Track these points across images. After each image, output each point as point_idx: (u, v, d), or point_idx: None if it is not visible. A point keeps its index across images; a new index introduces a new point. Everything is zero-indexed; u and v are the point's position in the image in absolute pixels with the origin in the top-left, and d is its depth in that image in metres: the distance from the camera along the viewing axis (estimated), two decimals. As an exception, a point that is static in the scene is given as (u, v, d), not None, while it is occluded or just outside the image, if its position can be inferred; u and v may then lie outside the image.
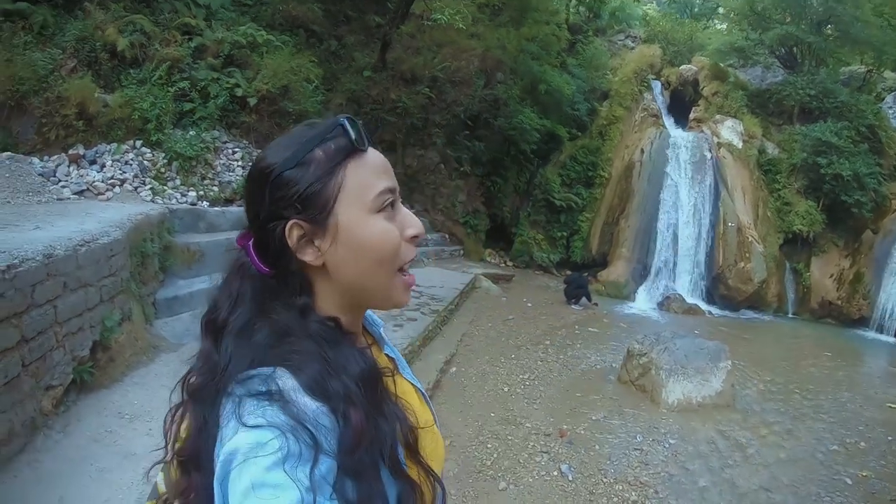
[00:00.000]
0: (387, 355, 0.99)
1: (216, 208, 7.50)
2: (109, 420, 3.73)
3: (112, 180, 6.87)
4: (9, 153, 6.53)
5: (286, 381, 0.72)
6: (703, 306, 14.68)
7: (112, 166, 7.05)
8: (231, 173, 8.23)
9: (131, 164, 7.20)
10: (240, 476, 0.64)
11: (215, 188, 7.82)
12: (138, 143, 7.48)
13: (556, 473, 5.18)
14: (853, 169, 14.80)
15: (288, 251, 0.81)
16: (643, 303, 14.57)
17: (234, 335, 0.78)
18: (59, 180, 6.60)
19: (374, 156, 0.84)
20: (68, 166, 6.82)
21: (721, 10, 23.34)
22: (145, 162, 7.33)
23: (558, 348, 9.18)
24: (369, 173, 0.82)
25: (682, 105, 18.37)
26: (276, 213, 0.81)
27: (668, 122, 17.94)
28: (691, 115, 17.75)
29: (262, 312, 0.80)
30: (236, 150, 8.61)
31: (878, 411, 8.23)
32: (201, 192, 7.56)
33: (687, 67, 18.73)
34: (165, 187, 7.27)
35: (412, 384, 1.00)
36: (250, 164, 8.42)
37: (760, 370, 9.46)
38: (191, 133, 7.89)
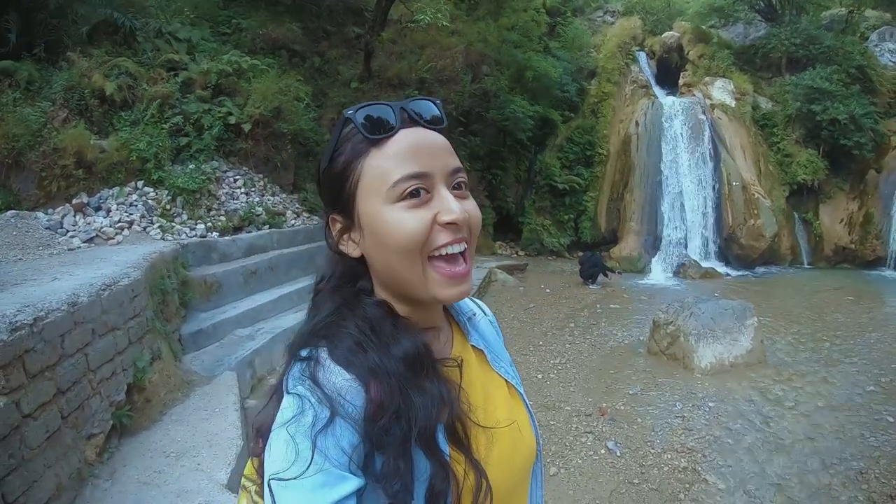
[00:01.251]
0: (473, 346, 0.97)
1: (226, 238, 7.49)
2: (156, 461, 3.69)
3: (120, 224, 6.87)
4: (13, 211, 6.53)
5: (324, 352, 0.78)
6: (720, 268, 14.66)
7: (118, 210, 7.05)
8: (235, 201, 8.22)
9: (136, 206, 7.19)
10: (269, 437, 0.72)
11: (222, 218, 7.82)
12: (140, 183, 7.48)
13: (603, 452, 5.19)
14: (848, 111, 14.70)
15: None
16: (659, 273, 14.54)
17: (312, 306, 0.90)
18: (67, 231, 6.60)
19: (403, 140, 0.82)
20: (74, 216, 6.82)
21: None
22: (150, 201, 7.34)
23: (584, 329, 9.17)
24: (389, 163, 0.80)
25: (669, 72, 18.33)
26: (325, 207, 0.89)
27: (659, 91, 17.90)
28: (680, 81, 17.64)
29: (336, 290, 0.88)
30: (237, 177, 8.60)
31: (910, 346, 8.17)
32: (209, 224, 7.56)
33: (669, 34, 18.71)
34: (174, 223, 7.27)
35: (505, 379, 0.97)
36: (253, 190, 8.42)
37: (786, 323, 9.49)
38: (190, 167, 7.87)
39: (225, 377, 5.09)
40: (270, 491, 0.66)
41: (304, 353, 0.79)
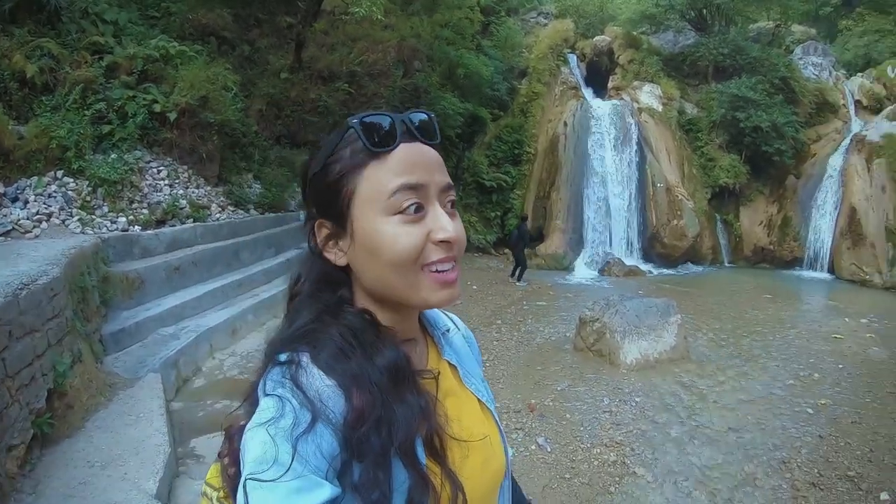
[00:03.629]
0: (447, 362, 0.97)
1: (149, 231, 7.02)
2: (80, 471, 3.38)
3: (38, 216, 6.28)
4: (-79, 200, 5.88)
5: (305, 356, 0.76)
6: (643, 266, 15.09)
7: (36, 201, 6.45)
8: (158, 193, 7.73)
9: (55, 197, 6.61)
10: (246, 436, 0.70)
11: (145, 211, 7.32)
12: (59, 173, 6.87)
13: (534, 448, 5.11)
14: (771, 120, 15.39)
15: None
16: (584, 271, 14.79)
17: (292, 309, 0.88)
18: (-19, 224, 6.02)
19: (401, 154, 0.81)
20: (-10, 207, 6.24)
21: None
22: (69, 192, 6.77)
23: (511, 326, 9.09)
24: (388, 174, 0.80)
25: (599, 75, 18.63)
26: (311, 212, 0.88)
27: (588, 93, 18.18)
28: (609, 84, 18.03)
29: (314, 295, 0.87)
30: (161, 168, 8.07)
31: (825, 343, 8.53)
32: (131, 217, 7.06)
33: (601, 38, 19.01)
34: (94, 216, 6.75)
35: (476, 396, 0.98)
36: (177, 181, 7.97)
37: (708, 320, 9.73)
38: (112, 156, 7.31)
39: (149, 379, 4.80)
40: (245, 491, 0.65)
41: (284, 356, 0.77)
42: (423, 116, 0.86)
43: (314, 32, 13.22)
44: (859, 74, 19.11)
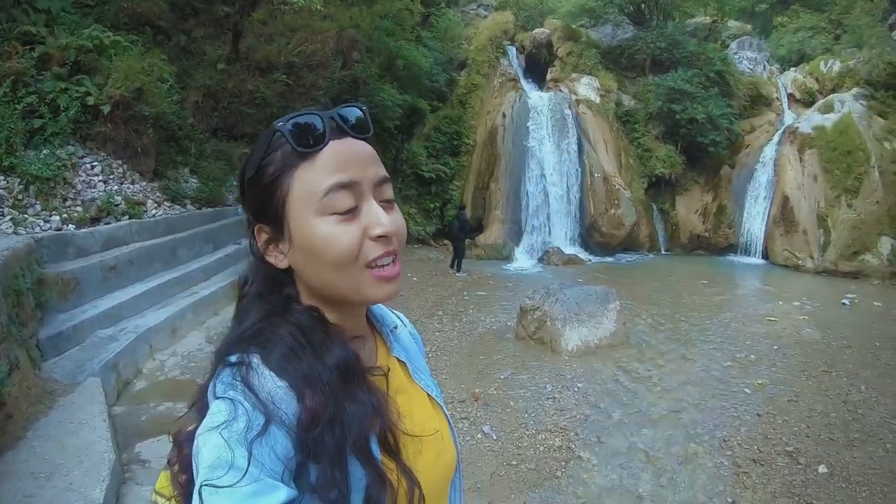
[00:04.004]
0: (396, 358, 0.97)
1: (84, 230, 6.63)
2: (25, 484, 3.21)
3: None
4: None
5: (255, 357, 0.75)
6: (582, 255, 15.23)
7: None
8: (93, 190, 7.31)
9: None
10: (198, 440, 0.69)
11: (79, 208, 6.89)
12: None
13: (479, 436, 5.04)
14: (706, 112, 15.82)
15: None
16: (524, 260, 14.84)
17: (239, 311, 0.87)
18: None
19: (332, 151, 0.80)
20: (-83, 209, 5.73)
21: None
22: (0, 191, 6.33)
23: (452, 316, 8.97)
24: (318, 174, 0.79)
25: (538, 67, 18.73)
26: (249, 216, 0.87)
27: (527, 84, 18.26)
28: (548, 76, 18.13)
29: (261, 295, 0.86)
30: (95, 164, 7.63)
31: (760, 326, 8.71)
32: (65, 215, 6.63)
33: (540, 31, 19.09)
34: (26, 215, 6.32)
35: (425, 392, 0.98)
36: (111, 177, 7.62)
37: (646, 306, 9.85)
38: (44, 152, 6.87)
39: (89, 384, 4.59)
40: (200, 497, 0.64)
41: (234, 357, 0.76)
42: (353, 110, 0.85)
43: (252, 22, 12.76)
44: (793, 69, 19.90)
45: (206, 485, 0.64)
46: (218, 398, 0.71)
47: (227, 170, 10.46)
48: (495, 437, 5.00)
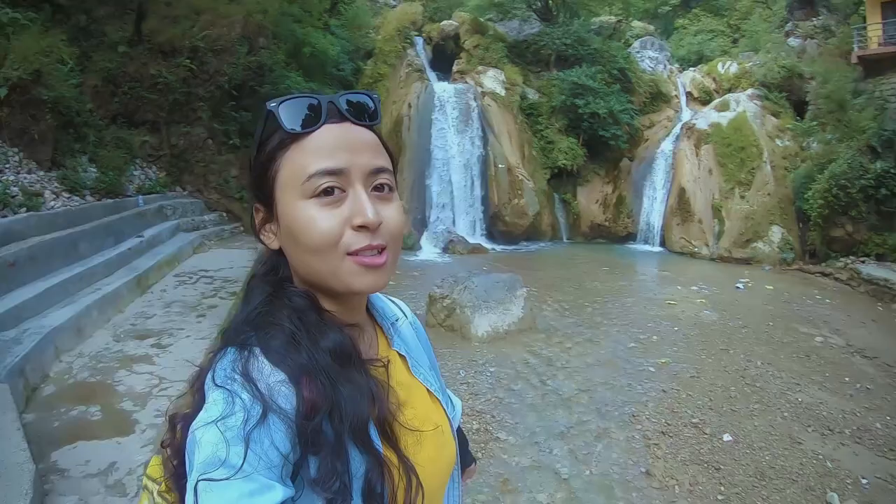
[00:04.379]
0: (397, 352, 0.95)
1: None
2: None
3: None
4: None
5: (256, 346, 0.74)
6: (486, 244, 15.43)
7: None
8: None
9: None
10: (194, 434, 0.67)
11: None
12: None
13: None
14: (608, 107, 16.39)
15: None
16: (429, 250, 14.81)
17: (244, 294, 0.87)
18: None
19: (325, 135, 0.79)
20: None
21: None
22: None
23: (360, 307, 8.73)
24: (306, 157, 0.78)
25: (445, 59, 18.66)
26: (251, 195, 0.87)
27: (433, 75, 18.19)
28: (454, 68, 18.11)
29: (264, 276, 0.87)
30: None
31: (660, 308, 9.04)
32: None
33: (448, 23, 19.02)
34: None
35: (424, 386, 0.96)
36: (7, 166, 7.16)
37: (551, 292, 10.03)
38: None
39: None
40: (195, 493, 0.62)
41: (236, 345, 0.75)
42: (360, 96, 0.84)
43: (157, 3, 12.04)
44: (692, 69, 20.93)
45: (201, 480, 0.62)
46: (217, 387, 0.70)
47: (127, 158, 9.97)
48: (415, 425, 4.87)
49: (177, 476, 0.78)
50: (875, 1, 16.29)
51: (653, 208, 16.69)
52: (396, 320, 1.01)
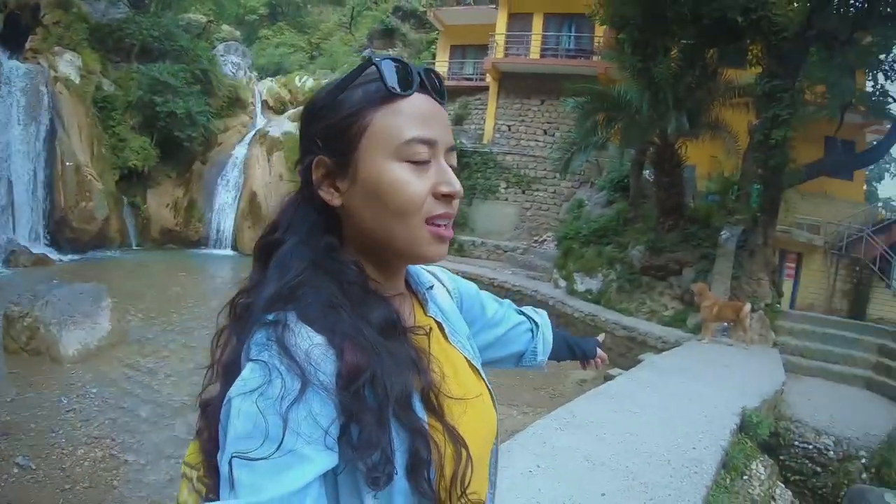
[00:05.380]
0: (433, 318, 0.93)
1: None
2: None
3: None
4: None
5: (292, 314, 0.70)
6: (53, 254, 13.91)
7: None
8: None
9: None
10: (228, 407, 0.64)
11: None
12: None
13: (17, 471, 4.59)
14: (186, 108, 16.37)
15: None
16: (-10, 262, 12.60)
17: (277, 261, 0.78)
18: None
19: (419, 103, 0.79)
20: None
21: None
22: None
23: None
24: (404, 120, 0.78)
25: (18, 32, 15.58)
26: (308, 147, 0.82)
27: (2, 51, 15.14)
28: (28, 45, 15.30)
29: (305, 241, 0.80)
30: None
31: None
32: None
33: (28, -11, 16.14)
34: None
35: (462, 354, 0.93)
36: None
37: (133, 301, 9.90)
38: None
39: None
40: (231, 469, 0.61)
41: (270, 316, 0.70)
42: (436, 74, 0.84)
43: None
44: (269, 79, 22.24)
45: (236, 456, 0.61)
46: (251, 361, 0.67)
47: None
48: (34, 467, 4.64)
49: (211, 460, 0.72)
50: (446, 43, 20.36)
51: (224, 212, 17.39)
52: (431, 287, 1.00)
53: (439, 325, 0.93)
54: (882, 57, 11.56)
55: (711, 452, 3.88)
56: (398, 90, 0.77)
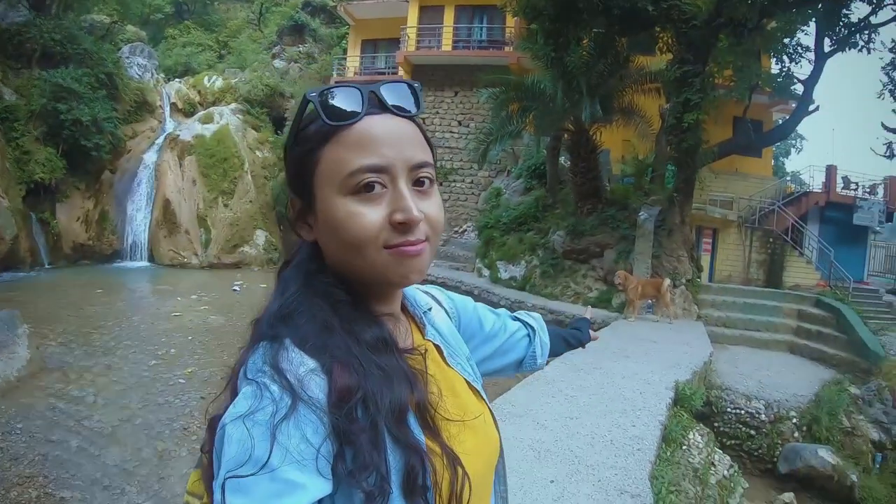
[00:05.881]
0: (430, 341, 0.93)
1: None
2: None
3: None
4: None
5: (287, 336, 0.72)
6: (-44, 280, 12.85)
7: None
8: None
9: None
10: (221, 433, 0.64)
11: None
12: None
13: None
14: (92, 114, 15.58)
15: None
16: None
17: (280, 282, 0.82)
18: None
19: (366, 128, 0.76)
20: None
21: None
22: None
23: None
24: (346, 151, 0.75)
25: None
26: (288, 187, 0.84)
27: None
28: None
29: (300, 265, 0.83)
30: None
31: (168, 322, 9.68)
32: None
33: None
34: None
35: (462, 376, 0.93)
36: None
37: (50, 325, 9.44)
38: None
39: None
40: (223, 491, 0.61)
41: (267, 336, 0.72)
42: (400, 86, 0.81)
43: None
44: (178, 80, 21.42)
45: (229, 478, 0.61)
46: (247, 381, 0.68)
47: None
48: (-36, 515, 4.36)
49: (211, 482, 0.70)
50: (357, 38, 20.11)
51: (138, 222, 16.79)
52: (429, 309, 0.99)
53: (438, 347, 0.93)
54: (786, 41, 12.41)
55: (651, 428, 4.08)
56: (337, 122, 0.75)
